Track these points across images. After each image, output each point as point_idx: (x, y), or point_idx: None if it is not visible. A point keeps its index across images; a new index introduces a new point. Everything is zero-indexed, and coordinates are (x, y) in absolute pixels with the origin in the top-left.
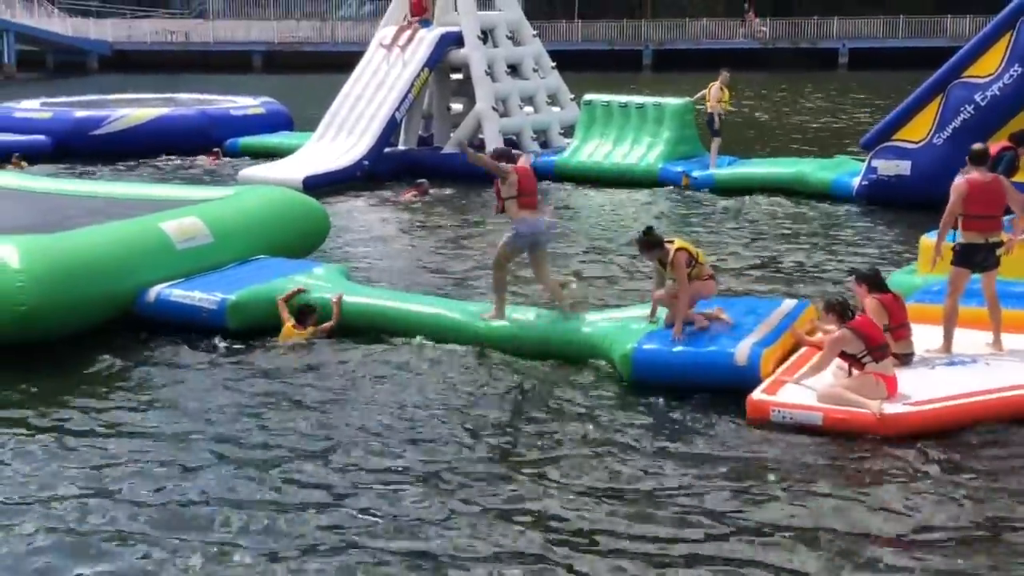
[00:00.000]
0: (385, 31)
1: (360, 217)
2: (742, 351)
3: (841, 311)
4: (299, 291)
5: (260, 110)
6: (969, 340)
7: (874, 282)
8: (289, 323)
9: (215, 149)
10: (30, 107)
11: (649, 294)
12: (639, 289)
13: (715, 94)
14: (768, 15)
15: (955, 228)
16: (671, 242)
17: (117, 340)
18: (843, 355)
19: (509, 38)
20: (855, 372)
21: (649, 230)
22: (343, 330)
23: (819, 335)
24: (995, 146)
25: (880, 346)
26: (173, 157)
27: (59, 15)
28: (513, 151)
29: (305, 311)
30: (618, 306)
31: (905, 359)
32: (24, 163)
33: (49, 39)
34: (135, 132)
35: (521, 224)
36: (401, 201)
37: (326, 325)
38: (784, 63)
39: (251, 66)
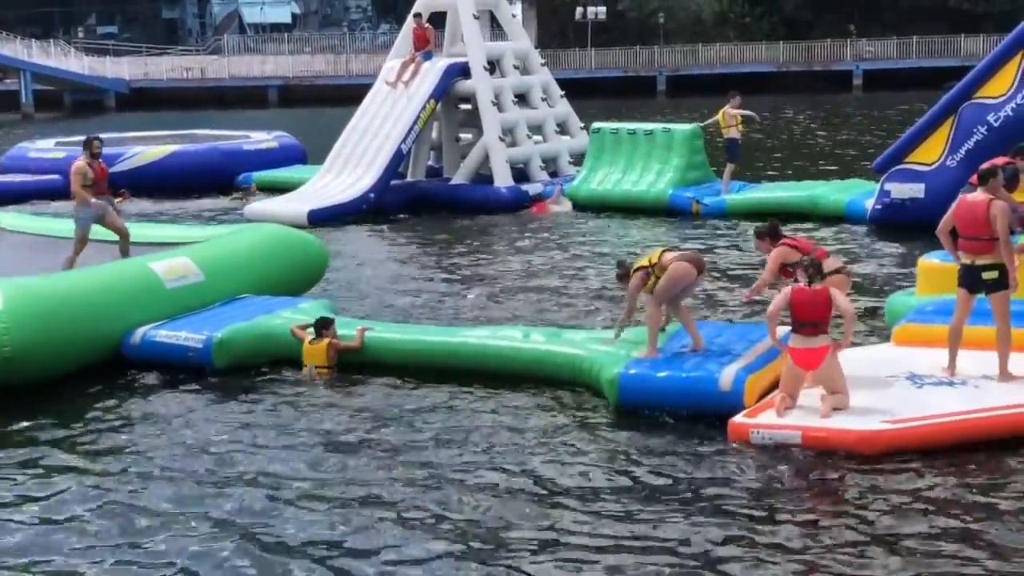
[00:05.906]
0: (390, 65)
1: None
2: (727, 377)
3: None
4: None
5: (273, 144)
6: (977, 361)
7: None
8: (307, 340)
9: None
10: (44, 147)
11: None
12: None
13: (731, 118)
14: (781, 39)
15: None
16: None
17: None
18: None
19: (517, 68)
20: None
21: (620, 264)
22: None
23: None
24: (999, 160)
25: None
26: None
27: (76, 54)
28: None
29: (322, 324)
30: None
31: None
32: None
33: (66, 78)
34: (149, 169)
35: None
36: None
37: (344, 344)
38: (798, 86)
39: (267, 101)
